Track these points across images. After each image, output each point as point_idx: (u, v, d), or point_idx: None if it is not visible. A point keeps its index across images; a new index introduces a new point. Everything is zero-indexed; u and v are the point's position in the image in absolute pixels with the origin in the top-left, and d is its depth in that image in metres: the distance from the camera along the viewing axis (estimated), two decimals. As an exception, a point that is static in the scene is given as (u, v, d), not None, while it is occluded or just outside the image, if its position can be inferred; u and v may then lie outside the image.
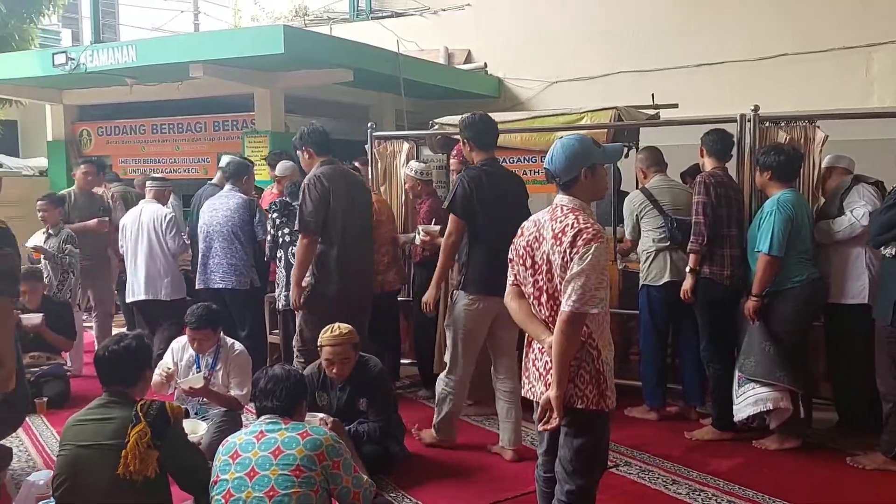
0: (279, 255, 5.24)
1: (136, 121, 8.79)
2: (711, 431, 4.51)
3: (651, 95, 5.93)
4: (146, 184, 6.28)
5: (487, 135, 4.17)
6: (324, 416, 3.65)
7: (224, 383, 4.30)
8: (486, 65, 9.61)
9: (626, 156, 5.33)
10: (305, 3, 11.67)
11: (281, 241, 5.22)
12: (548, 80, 9.19)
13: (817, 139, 4.49)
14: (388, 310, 5.38)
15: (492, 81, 9.51)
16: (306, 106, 8.60)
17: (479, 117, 4.18)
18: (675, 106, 5.86)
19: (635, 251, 5.05)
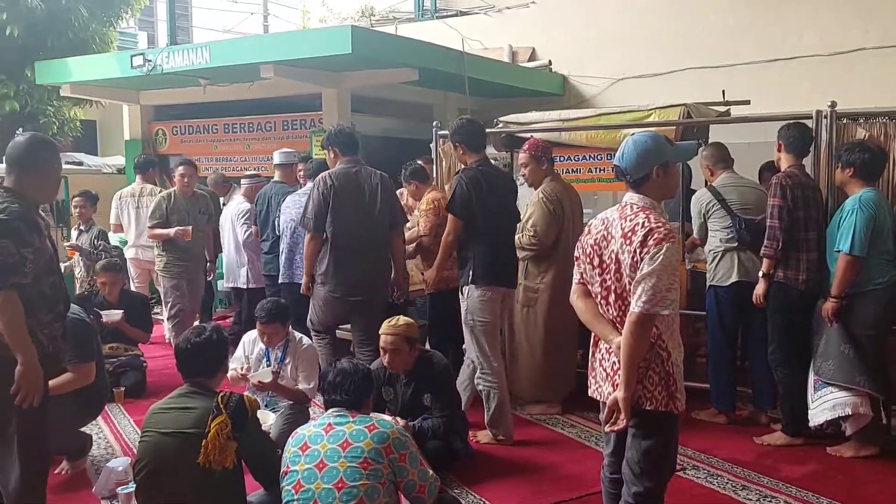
0: None
1: (208, 120, 9.03)
2: (782, 437, 4.40)
3: (721, 92, 5.79)
4: (241, 181, 6.91)
5: (477, 137, 4.45)
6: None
7: (292, 376, 4.40)
8: (550, 62, 9.53)
9: (696, 153, 5.23)
10: (371, 3, 11.80)
11: None
12: (613, 77, 9.05)
13: (898, 136, 4.32)
14: (449, 306, 5.40)
15: (556, 79, 9.43)
16: (371, 105, 8.69)
17: (467, 121, 4.49)
18: (747, 102, 5.71)
19: (702, 250, 4.96)
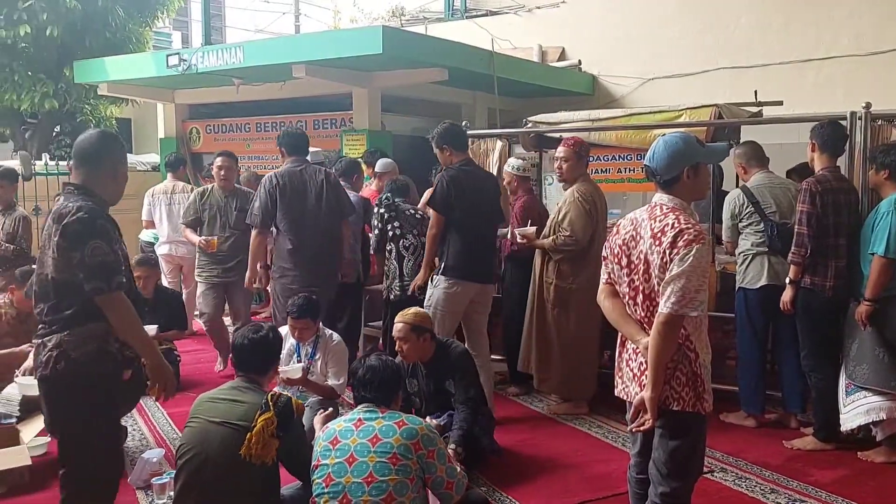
0: (389, 247, 5.36)
1: (241, 119, 9.17)
2: (813, 441, 4.35)
3: (754, 92, 5.74)
4: None
5: (462, 137, 4.74)
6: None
7: (322, 372, 4.46)
8: (579, 62, 9.51)
9: (728, 155, 5.19)
10: (402, 3, 11.86)
11: (391, 234, 5.34)
12: (643, 76, 9.01)
13: (935, 139, 4.25)
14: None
15: (585, 78, 9.41)
16: (401, 105, 8.75)
17: (450, 125, 4.76)
18: (780, 103, 5.66)
19: (733, 253, 4.91)
